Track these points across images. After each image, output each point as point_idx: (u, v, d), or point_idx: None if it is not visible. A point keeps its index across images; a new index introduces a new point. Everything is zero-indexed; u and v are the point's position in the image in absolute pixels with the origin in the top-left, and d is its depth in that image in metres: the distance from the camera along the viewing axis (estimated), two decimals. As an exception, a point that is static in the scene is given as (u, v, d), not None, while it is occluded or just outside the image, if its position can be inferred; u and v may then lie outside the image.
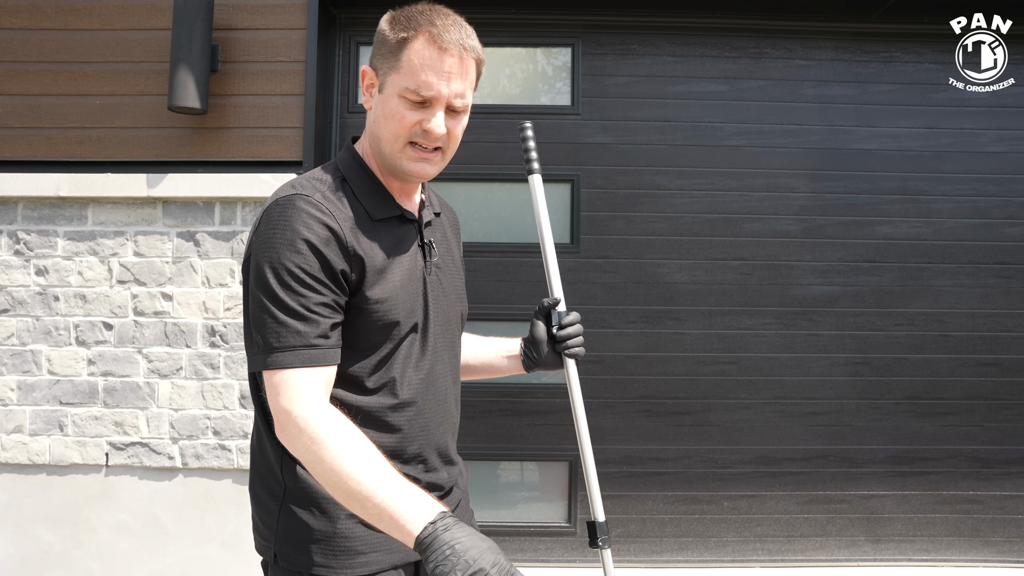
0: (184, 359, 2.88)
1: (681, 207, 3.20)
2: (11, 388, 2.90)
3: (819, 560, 3.18)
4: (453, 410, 1.30)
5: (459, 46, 1.13)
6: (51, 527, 2.88)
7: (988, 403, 3.20)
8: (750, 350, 3.19)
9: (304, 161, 2.88)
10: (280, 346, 1.05)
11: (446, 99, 1.14)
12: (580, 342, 1.45)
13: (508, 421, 3.17)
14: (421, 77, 1.12)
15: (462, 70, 1.14)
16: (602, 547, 1.46)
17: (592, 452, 1.52)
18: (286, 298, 1.06)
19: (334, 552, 1.13)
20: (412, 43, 1.13)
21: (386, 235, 1.18)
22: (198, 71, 2.74)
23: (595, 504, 1.52)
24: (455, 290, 1.32)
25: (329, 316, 1.08)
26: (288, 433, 1.05)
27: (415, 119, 1.14)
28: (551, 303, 1.47)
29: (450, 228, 1.39)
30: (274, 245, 1.08)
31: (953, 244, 3.22)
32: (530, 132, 1.55)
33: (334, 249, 1.09)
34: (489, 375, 1.53)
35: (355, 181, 1.20)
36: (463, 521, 0.99)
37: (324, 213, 1.10)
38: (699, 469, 3.18)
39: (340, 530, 1.13)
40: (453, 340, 1.32)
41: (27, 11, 2.93)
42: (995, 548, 3.21)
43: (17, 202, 2.91)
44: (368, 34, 3.22)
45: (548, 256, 1.53)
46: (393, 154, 1.17)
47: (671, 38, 3.23)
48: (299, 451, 1.04)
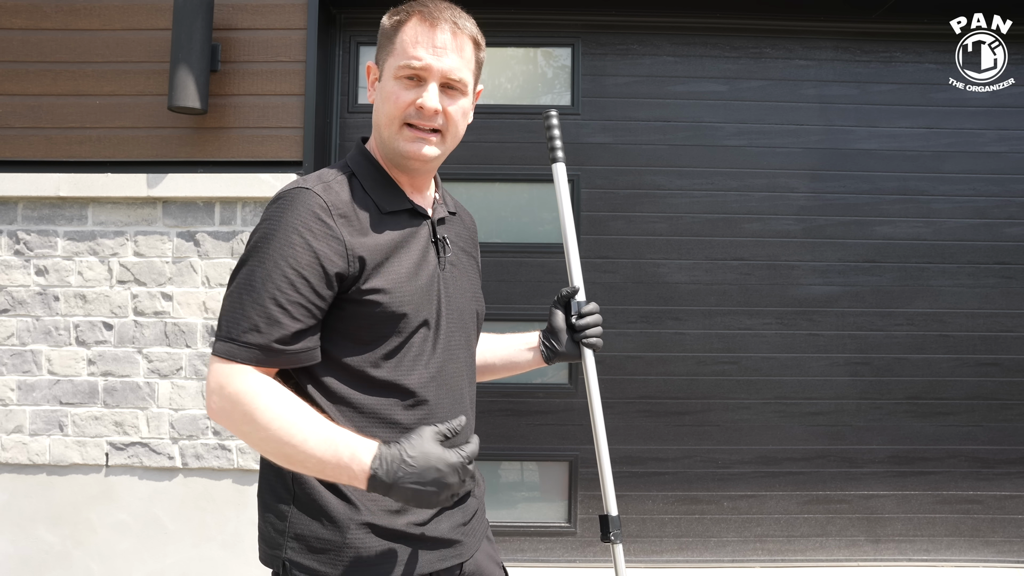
0: (184, 359, 2.88)
1: (681, 207, 3.20)
2: (11, 388, 2.90)
3: (819, 560, 3.18)
4: (469, 412, 1.27)
5: (451, 22, 1.15)
6: (51, 527, 2.88)
7: (988, 403, 3.20)
8: (750, 350, 3.19)
9: (304, 161, 2.88)
10: (239, 337, 1.05)
11: (439, 73, 1.14)
12: (599, 332, 1.44)
13: (508, 421, 3.17)
14: (411, 51, 1.14)
15: (456, 46, 1.15)
16: (614, 541, 1.44)
17: (607, 444, 1.50)
18: (262, 293, 1.05)
19: (344, 562, 1.11)
20: (404, 25, 1.16)
21: (395, 228, 1.17)
22: (198, 71, 2.74)
23: (608, 497, 1.50)
24: (471, 289, 1.31)
25: (299, 319, 1.06)
26: (222, 412, 1.05)
27: (409, 98, 1.14)
28: (570, 292, 1.45)
29: (467, 229, 1.39)
30: (268, 235, 1.08)
31: (953, 244, 3.22)
32: (555, 121, 1.55)
33: (327, 243, 1.08)
34: (510, 372, 1.51)
35: (364, 175, 1.20)
36: (479, 533, 1.08)
37: (322, 207, 1.10)
38: (699, 469, 3.18)
39: (350, 540, 1.11)
40: (469, 339, 1.29)
41: (27, 11, 2.93)
42: (995, 548, 3.21)
43: (17, 202, 2.92)
44: (368, 34, 3.22)
45: (569, 245, 1.52)
46: (391, 137, 1.17)
47: (671, 38, 3.23)
48: (234, 426, 1.05)
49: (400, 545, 1.13)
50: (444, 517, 1.19)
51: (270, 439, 1.02)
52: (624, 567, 1.48)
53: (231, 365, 1.05)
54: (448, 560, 1.19)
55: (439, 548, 1.18)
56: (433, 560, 1.17)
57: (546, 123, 1.55)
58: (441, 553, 1.18)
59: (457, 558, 1.21)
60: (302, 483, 1.13)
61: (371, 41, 3.23)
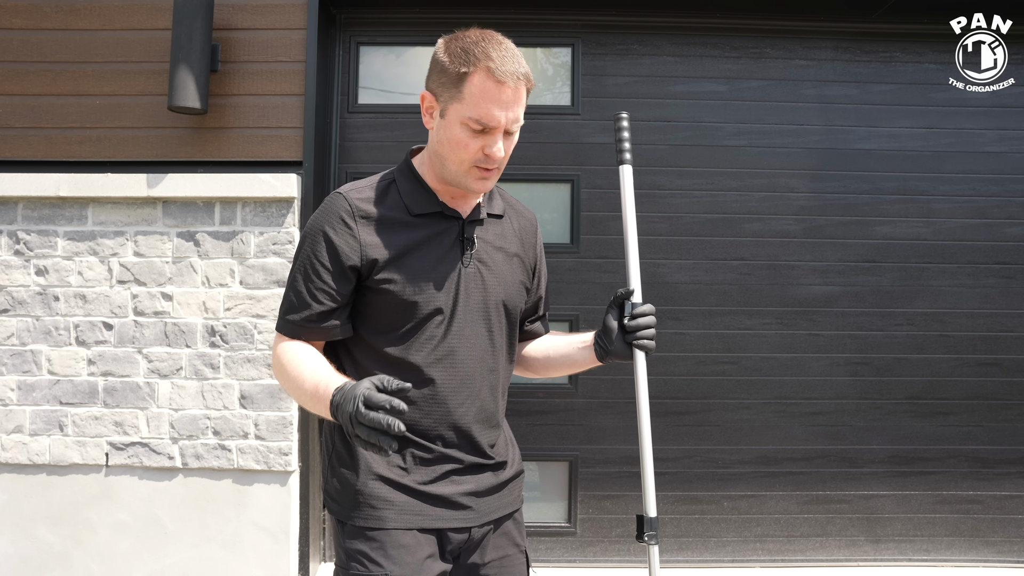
0: (184, 359, 2.88)
1: (681, 207, 3.20)
2: (11, 388, 2.90)
3: (819, 560, 3.19)
4: (485, 396, 1.39)
5: (515, 77, 1.25)
6: (51, 527, 2.88)
7: (988, 403, 3.20)
8: (750, 350, 3.19)
9: (304, 161, 2.88)
10: (284, 315, 1.35)
11: (505, 127, 1.27)
12: (651, 334, 1.47)
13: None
14: (483, 109, 1.24)
15: (517, 98, 1.27)
16: (649, 543, 1.43)
17: (651, 446, 1.49)
18: (299, 280, 1.33)
19: (357, 505, 1.32)
20: (472, 77, 1.24)
21: (421, 228, 1.34)
22: (198, 71, 2.74)
23: (648, 497, 1.48)
24: (501, 284, 1.40)
25: (325, 303, 1.31)
26: (273, 369, 1.37)
27: (478, 145, 1.27)
28: (625, 293, 1.50)
29: (516, 230, 1.49)
30: (307, 233, 1.35)
31: (953, 244, 3.22)
32: (625, 123, 1.56)
33: (346, 240, 1.30)
34: (570, 369, 1.60)
35: (403, 183, 1.37)
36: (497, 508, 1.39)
37: (347, 210, 1.32)
38: (699, 469, 3.18)
39: (360, 487, 1.32)
40: (491, 329, 1.40)
41: (27, 11, 2.93)
42: (995, 548, 3.21)
43: (17, 202, 2.91)
44: (368, 34, 3.22)
45: (629, 247, 1.55)
46: (459, 174, 1.31)
47: (671, 38, 3.23)
48: (278, 378, 1.34)
49: (404, 496, 1.32)
50: (449, 482, 1.34)
51: (289, 383, 1.29)
52: (659, 568, 1.46)
53: (278, 336, 1.36)
54: (450, 521, 1.34)
55: (442, 507, 1.33)
56: (435, 517, 1.33)
57: (616, 124, 1.56)
58: (444, 512, 1.33)
59: (462, 521, 1.35)
60: (335, 437, 1.39)
61: (371, 41, 3.23)
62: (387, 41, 3.25)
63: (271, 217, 2.88)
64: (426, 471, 1.33)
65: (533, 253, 1.53)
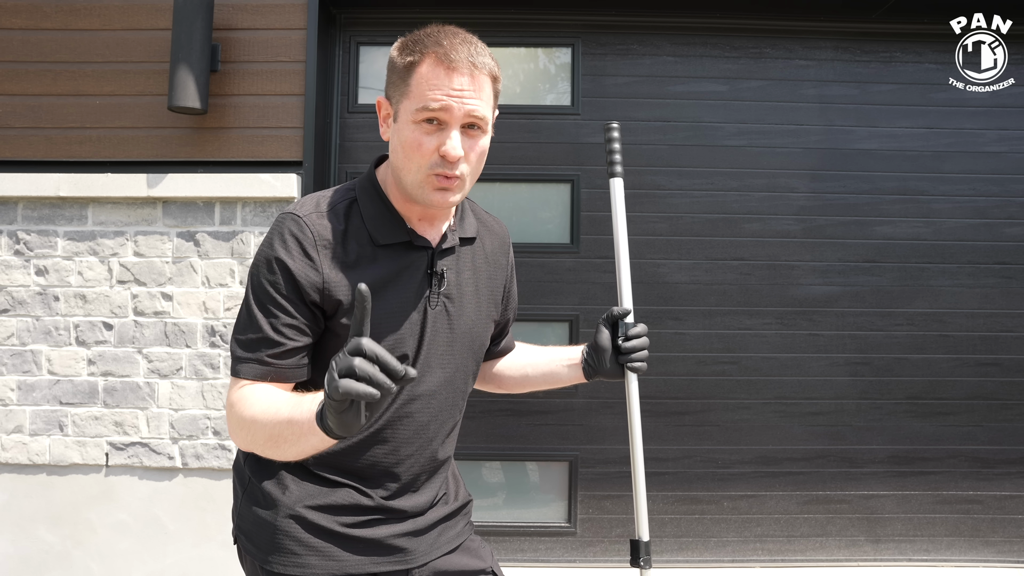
0: (184, 359, 2.88)
1: (681, 207, 3.20)
2: (11, 388, 2.90)
3: (819, 560, 3.19)
4: (438, 444, 1.27)
5: (469, 63, 1.09)
6: (51, 527, 2.88)
7: (988, 403, 3.20)
8: (750, 350, 3.19)
9: (304, 161, 2.88)
10: (242, 357, 1.14)
11: (459, 118, 1.10)
12: (644, 356, 1.40)
13: (508, 421, 3.17)
14: (429, 96, 1.09)
15: (475, 87, 1.10)
16: (643, 567, 1.43)
17: (644, 468, 1.47)
18: (258, 316, 1.13)
19: (276, 547, 1.18)
20: (419, 66, 1.10)
21: (387, 262, 1.18)
22: (198, 71, 2.74)
23: (641, 522, 1.45)
24: (467, 323, 1.28)
25: (296, 338, 1.13)
26: (233, 421, 1.13)
27: (433, 145, 1.10)
28: (620, 313, 1.42)
29: (487, 254, 1.35)
30: (258, 261, 1.15)
31: (953, 244, 3.22)
32: (616, 134, 1.48)
33: (307, 275, 1.12)
34: (548, 385, 1.50)
35: (366, 205, 1.20)
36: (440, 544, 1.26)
37: (308, 239, 1.13)
38: (699, 469, 3.18)
39: (281, 525, 1.18)
40: (456, 370, 1.28)
41: (27, 11, 2.93)
42: (995, 548, 3.21)
43: (17, 202, 2.92)
44: (368, 34, 3.22)
45: (621, 263, 1.48)
46: (415, 184, 1.14)
47: (671, 38, 3.23)
48: (241, 428, 1.12)
49: (326, 542, 1.18)
50: (382, 525, 1.22)
51: (263, 430, 1.08)
52: None
53: (235, 382, 1.16)
54: (383, 565, 1.21)
55: (373, 553, 1.21)
56: (365, 563, 1.20)
57: (607, 135, 1.49)
58: (375, 559, 1.21)
59: (398, 564, 1.22)
60: (251, 474, 1.23)
61: (371, 41, 3.23)
62: (387, 41, 3.25)
63: (271, 217, 2.88)
64: (357, 517, 1.20)
65: (504, 274, 1.41)
